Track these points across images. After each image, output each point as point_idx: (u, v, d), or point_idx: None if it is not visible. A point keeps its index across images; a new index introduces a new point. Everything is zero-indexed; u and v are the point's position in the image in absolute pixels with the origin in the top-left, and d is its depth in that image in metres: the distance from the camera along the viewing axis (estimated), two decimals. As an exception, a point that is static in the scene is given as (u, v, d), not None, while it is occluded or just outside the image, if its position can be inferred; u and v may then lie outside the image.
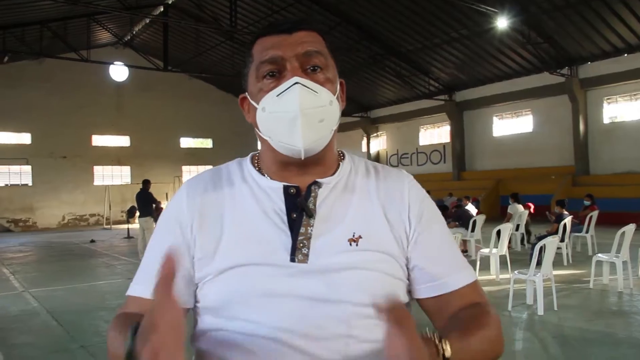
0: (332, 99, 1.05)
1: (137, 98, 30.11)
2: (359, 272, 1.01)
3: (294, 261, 1.00)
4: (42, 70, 26.78)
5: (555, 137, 22.05)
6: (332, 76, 1.09)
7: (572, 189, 20.07)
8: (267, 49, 1.06)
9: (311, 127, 1.01)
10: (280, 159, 1.08)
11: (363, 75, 26.53)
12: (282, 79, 1.03)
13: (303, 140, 1.00)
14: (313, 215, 1.04)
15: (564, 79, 20.71)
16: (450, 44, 21.30)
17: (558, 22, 18.16)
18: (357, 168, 1.17)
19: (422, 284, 1.09)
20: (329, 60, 1.09)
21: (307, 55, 1.05)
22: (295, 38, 1.06)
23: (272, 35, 1.08)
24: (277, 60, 1.04)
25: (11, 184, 27.60)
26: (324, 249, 1.02)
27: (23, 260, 13.70)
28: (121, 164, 30.52)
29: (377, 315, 0.96)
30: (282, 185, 1.08)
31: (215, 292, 1.02)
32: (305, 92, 1.01)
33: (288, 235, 1.03)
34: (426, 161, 28.40)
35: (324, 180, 1.09)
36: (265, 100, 1.04)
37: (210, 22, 22.00)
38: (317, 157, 1.07)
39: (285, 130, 1.02)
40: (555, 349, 5.33)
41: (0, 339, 5.99)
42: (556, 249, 6.92)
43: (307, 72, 1.05)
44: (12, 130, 27.30)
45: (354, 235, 1.04)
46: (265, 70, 1.05)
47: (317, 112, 1.02)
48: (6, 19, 20.26)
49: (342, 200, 1.09)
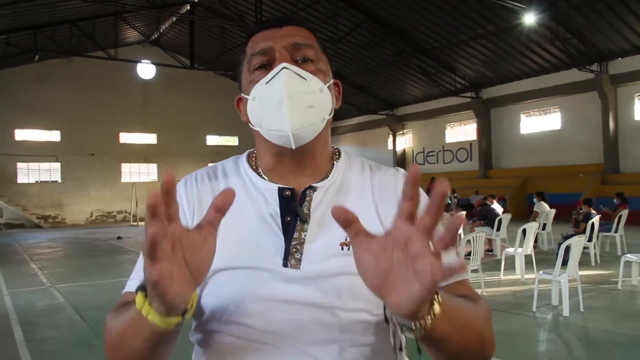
0: (323, 87, 1.04)
1: (164, 96, 30.44)
2: (350, 278, 0.97)
3: (286, 266, 0.99)
4: (72, 68, 27.25)
5: (584, 135, 21.68)
6: (324, 69, 1.08)
7: (601, 187, 19.71)
8: (258, 43, 1.08)
9: (299, 111, 1.00)
10: (274, 151, 1.07)
11: (389, 73, 26.42)
12: (272, 68, 1.03)
13: (290, 123, 0.99)
14: (307, 221, 1.03)
15: (594, 76, 20.34)
16: (477, 40, 21.06)
17: (587, 17, 17.82)
18: (352, 167, 1.15)
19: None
20: (319, 55, 1.09)
21: (297, 46, 1.05)
22: (285, 31, 1.08)
23: (263, 30, 1.10)
24: (267, 51, 1.05)
25: (41, 181, 28.15)
26: (316, 254, 1.00)
27: (51, 256, 13.94)
28: (148, 161, 30.91)
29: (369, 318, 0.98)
30: (277, 187, 1.06)
31: (209, 294, 1.00)
32: (292, 77, 1.01)
33: (281, 240, 1.01)
34: (452, 159, 28.16)
35: (319, 184, 1.08)
36: (255, 89, 1.04)
37: (236, 20, 22.07)
38: (310, 150, 1.07)
39: (272, 115, 1.01)
40: (580, 351, 5.22)
41: (26, 333, 6.09)
42: (583, 248, 6.79)
43: (297, 62, 1.05)
44: (42, 127, 27.84)
45: (346, 239, 1.01)
46: (256, 62, 1.06)
47: (306, 97, 1.01)
48: (38, 18, 20.65)
49: (336, 204, 1.06)
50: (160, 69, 26.54)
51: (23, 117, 26.91)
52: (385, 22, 21.49)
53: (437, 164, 28.68)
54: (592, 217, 9.87)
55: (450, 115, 27.77)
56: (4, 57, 23.27)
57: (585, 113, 21.52)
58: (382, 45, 22.14)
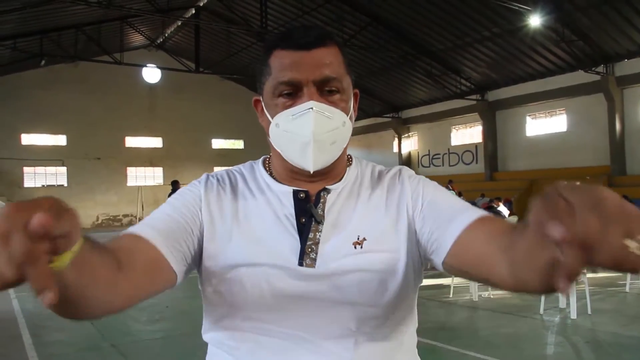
0: (345, 120, 1.07)
1: (169, 100, 30.52)
2: (363, 274, 1.03)
3: (302, 265, 1.02)
4: (77, 73, 27.35)
5: (590, 137, 21.58)
6: (347, 95, 1.10)
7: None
8: (285, 69, 1.05)
9: (322, 151, 1.05)
10: (290, 168, 1.11)
11: (394, 76, 26.39)
12: (298, 99, 1.04)
13: (314, 164, 1.05)
14: (322, 221, 1.07)
15: (600, 77, 20.26)
16: (482, 42, 21.02)
17: (593, 18, 17.77)
18: (363, 171, 1.19)
19: (438, 244, 1.02)
20: (345, 79, 1.09)
21: (325, 81, 1.05)
22: (314, 57, 1.05)
23: (290, 50, 1.06)
24: (294, 84, 1.04)
25: (47, 185, 28.26)
26: (331, 253, 1.04)
27: (58, 260, 13.96)
28: (154, 165, 30.99)
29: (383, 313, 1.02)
30: (292, 189, 1.10)
31: (226, 290, 1.04)
32: (319, 117, 1.03)
33: (297, 240, 1.05)
34: (458, 162, 28.09)
35: (333, 186, 1.12)
36: (279, 117, 1.06)
37: (241, 24, 22.13)
38: (326, 169, 1.10)
39: (296, 152, 1.06)
40: (588, 354, 5.20)
41: (34, 336, 6.11)
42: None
43: (324, 93, 1.05)
44: (48, 132, 27.97)
45: (359, 238, 1.05)
46: (282, 89, 1.06)
47: (330, 135, 1.05)
48: (44, 24, 20.75)
49: (348, 205, 1.11)
50: (166, 73, 26.64)
51: (29, 122, 27.03)
52: (390, 25, 21.49)
53: (442, 167, 28.62)
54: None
55: (456, 118, 27.71)
56: (11, 62, 23.38)
57: (592, 115, 21.44)
58: (387, 48, 22.15)
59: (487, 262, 0.91)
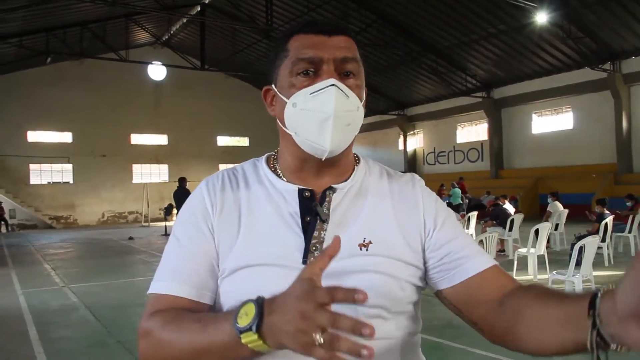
0: (359, 105, 1.07)
1: (174, 97, 30.56)
2: (368, 275, 1.03)
3: (306, 264, 1.01)
4: (83, 70, 27.42)
5: (596, 134, 21.51)
6: (361, 83, 1.11)
7: (614, 187, 19.56)
8: (307, 47, 1.06)
9: (340, 130, 1.03)
10: (301, 156, 1.09)
11: (399, 73, 26.36)
12: (317, 78, 1.04)
13: (331, 142, 1.02)
14: (327, 220, 1.06)
15: (606, 75, 20.19)
16: (488, 39, 20.97)
17: (600, 15, 17.69)
18: (371, 172, 1.19)
19: (447, 274, 1.09)
20: (360, 68, 1.11)
21: (345, 60, 1.07)
22: (334, 42, 1.08)
23: (312, 34, 1.09)
24: (315, 61, 1.05)
25: (53, 182, 28.35)
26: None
27: (64, 257, 14.02)
28: (159, 162, 31.05)
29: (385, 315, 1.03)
30: (297, 188, 1.09)
31: (231, 290, 1.03)
32: (340, 95, 1.02)
33: (301, 238, 1.04)
34: (463, 159, 28.06)
35: (339, 185, 1.11)
36: (297, 96, 1.05)
37: (247, 21, 22.15)
38: (335, 159, 1.09)
39: (314, 129, 1.03)
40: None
41: (40, 332, 6.13)
42: (597, 249, 6.74)
43: (341, 75, 1.06)
44: (54, 129, 28.05)
45: (365, 241, 1.06)
46: (301, 67, 1.06)
47: (347, 115, 1.04)
48: (49, 21, 20.79)
49: (355, 206, 1.11)
50: (171, 70, 26.66)
51: (35, 119, 27.11)
52: (395, 22, 21.46)
53: (448, 165, 28.60)
54: (605, 218, 9.79)
55: (461, 115, 27.67)
56: (17, 59, 23.44)
57: (598, 112, 21.36)
58: (393, 45, 22.12)
59: (483, 311, 1.03)
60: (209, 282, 1.04)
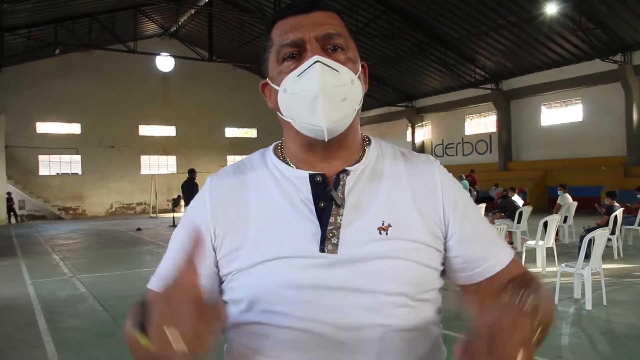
0: (354, 78, 1.02)
1: (182, 88, 30.59)
2: (389, 261, 0.99)
3: (323, 251, 0.98)
4: (91, 61, 27.47)
5: (606, 127, 21.34)
6: (353, 56, 1.06)
7: (623, 180, 19.42)
8: (287, 32, 1.04)
9: (333, 106, 0.99)
10: (305, 142, 1.05)
11: (408, 64, 26.25)
12: (303, 59, 1.01)
13: (325, 120, 0.98)
14: (342, 205, 1.02)
15: (617, 66, 20.00)
16: (497, 31, 20.81)
17: (611, 6, 17.51)
18: (384, 153, 1.14)
19: (470, 271, 1.08)
20: (349, 41, 1.07)
21: (327, 36, 1.03)
22: (313, 18, 1.05)
23: (290, 16, 1.06)
24: (297, 43, 1.02)
25: (62, 173, 28.49)
26: (353, 238, 1.00)
27: (72, 247, 14.10)
28: (167, 153, 31.12)
29: (409, 303, 1.00)
30: (308, 173, 1.05)
31: (246, 285, 1.01)
32: (326, 71, 0.98)
33: (317, 225, 1.00)
34: (472, 151, 27.95)
35: (352, 167, 1.06)
36: (286, 81, 1.02)
37: (255, 12, 22.07)
38: (341, 139, 1.05)
39: (307, 110, 0.99)
40: (604, 345, 5.15)
41: (49, 322, 6.17)
42: (606, 241, 6.69)
43: (327, 52, 1.03)
44: (63, 120, 28.16)
45: (384, 224, 1.01)
46: (285, 52, 1.03)
47: (339, 90, 0.99)
48: (58, 12, 20.82)
49: (370, 188, 1.06)
50: (179, 61, 26.65)
51: (44, 110, 27.21)
52: (404, 13, 21.34)
53: (456, 157, 28.49)
54: (615, 210, 9.73)
55: (470, 107, 27.54)
56: (26, 51, 23.49)
57: (608, 104, 21.19)
58: (401, 36, 22.01)
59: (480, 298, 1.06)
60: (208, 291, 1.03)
